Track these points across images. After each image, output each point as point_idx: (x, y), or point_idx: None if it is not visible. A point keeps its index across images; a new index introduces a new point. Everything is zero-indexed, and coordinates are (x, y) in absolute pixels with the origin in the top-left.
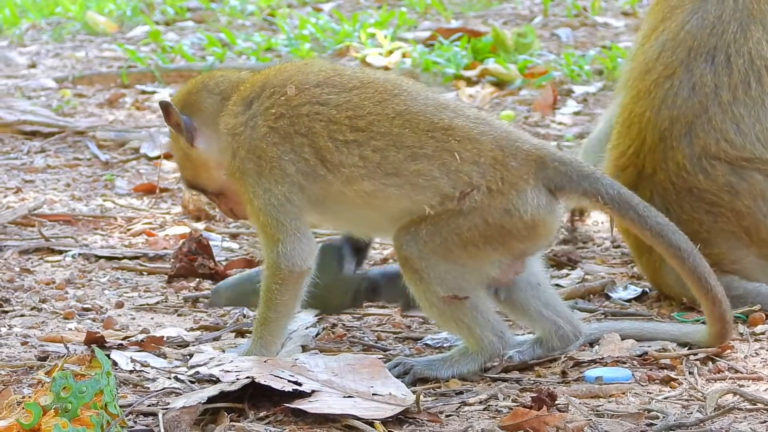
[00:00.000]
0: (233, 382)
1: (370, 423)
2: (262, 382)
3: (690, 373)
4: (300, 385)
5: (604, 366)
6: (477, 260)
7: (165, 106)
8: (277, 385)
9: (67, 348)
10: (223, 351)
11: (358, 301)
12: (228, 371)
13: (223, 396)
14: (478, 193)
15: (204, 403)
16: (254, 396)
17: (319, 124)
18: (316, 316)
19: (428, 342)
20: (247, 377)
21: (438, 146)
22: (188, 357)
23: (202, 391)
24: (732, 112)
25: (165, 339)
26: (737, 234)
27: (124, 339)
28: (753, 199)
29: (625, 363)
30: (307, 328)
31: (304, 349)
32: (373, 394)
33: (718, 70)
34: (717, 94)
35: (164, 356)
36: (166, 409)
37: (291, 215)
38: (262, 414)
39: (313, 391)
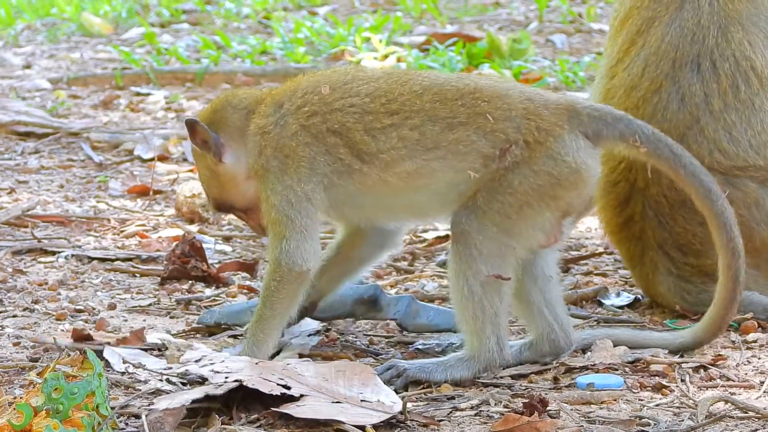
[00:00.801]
0: (220, 385)
1: (362, 428)
2: (250, 385)
3: (682, 380)
4: (289, 389)
5: (596, 372)
6: (530, 225)
7: (191, 124)
8: (265, 388)
9: (57, 345)
10: (219, 349)
11: (360, 309)
12: (218, 372)
13: (208, 398)
14: (516, 148)
15: (188, 405)
16: (244, 398)
17: (353, 117)
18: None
19: (419, 347)
20: (236, 380)
21: (470, 112)
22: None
23: (186, 392)
24: (724, 120)
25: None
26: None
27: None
28: (747, 208)
29: (617, 370)
30: (309, 335)
31: (301, 355)
32: (361, 401)
33: (706, 77)
34: (708, 103)
35: (157, 356)
36: (149, 410)
37: (304, 214)
38: (252, 417)
39: (301, 396)
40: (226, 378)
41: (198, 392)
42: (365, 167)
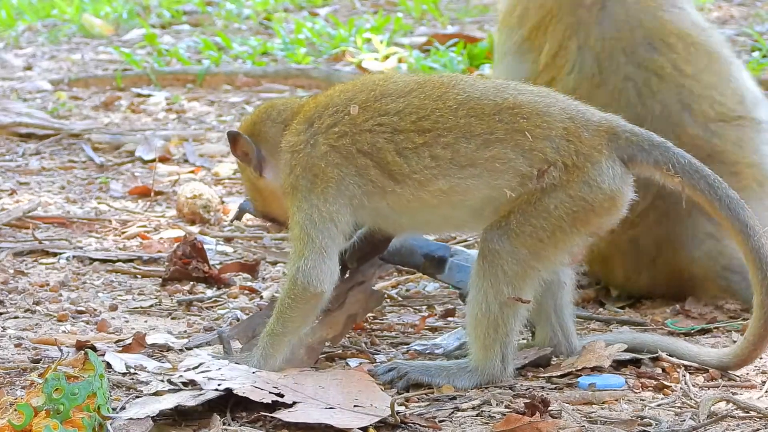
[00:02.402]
0: (200, 394)
1: (365, 429)
2: (241, 393)
3: (683, 380)
4: (282, 396)
5: (598, 373)
6: (559, 249)
7: (233, 136)
8: (256, 396)
9: (61, 350)
10: (219, 356)
11: (425, 265)
12: (211, 378)
13: (178, 409)
14: (555, 170)
15: (155, 416)
16: (236, 405)
17: (383, 138)
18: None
19: (417, 348)
20: (226, 388)
21: (508, 128)
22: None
23: (157, 401)
24: (704, 80)
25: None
26: (757, 192)
27: (116, 342)
28: (755, 153)
29: (618, 370)
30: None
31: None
32: (354, 406)
33: (665, 51)
34: (681, 72)
35: (159, 359)
36: (114, 417)
37: (326, 234)
38: (248, 418)
39: (294, 403)
40: (219, 385)
41: (170, 402)
42: (398, 188)
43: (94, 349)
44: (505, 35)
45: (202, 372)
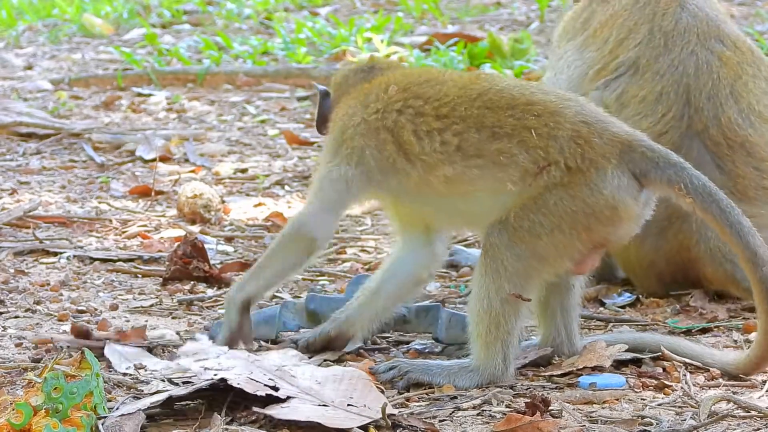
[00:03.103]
0: (191, 384)
1: (365, 428)
2: (236, 384)
3: (684, 380)
4: (276, 390)
5: (599, 372)
6: (559, 251)
7: (325, 94)
8: (251, 388)
9: (59, 348)
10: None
11: (390, 323)
12: (208, 368)
13: (170, 402)
14: (556, 169)
15: (149, 411)
16: (233, 399)
17: (406, 117)
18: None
19: (417, 347)
20: (221, 379)
21: (516, 124)
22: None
23: (148, 397)
24: (759, 84)
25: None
26: None
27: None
28: None
29: (619, 369)
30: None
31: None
32: (348, 405)
33: (733, 49)
34: (742, 68)
35: (159, 356)
36: (104, 417)
37: (336, 191)
38: (244, 416)
39: (288, 398)
40: (215, 375)
41: (163, 395)
42: (408, 166)
43: (90, 336)
44: (568, 36)
45: (200, 360)
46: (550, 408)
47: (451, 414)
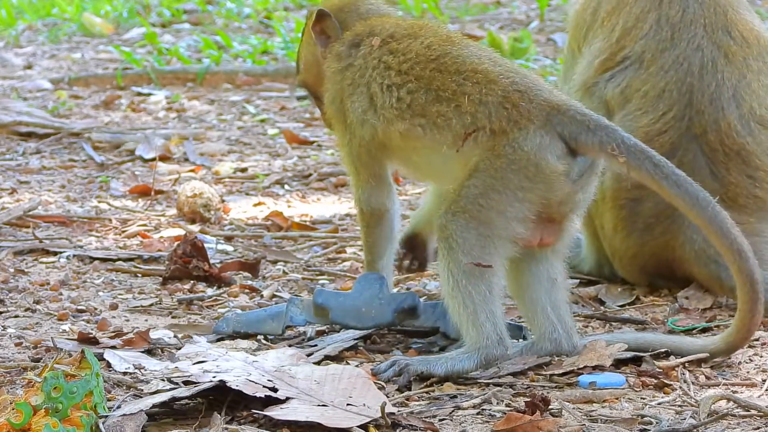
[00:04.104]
0: (191, 386)
1: (365, 427)
2: (234, 386)
3: (684, 379)
4: (275, 391)
5: (599, 371)
6: (501, 213)
7: (323, 14)
8: (250, 390)
9: (59, 349)
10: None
11: (399, 317)
12: (207, 371)
13: (173, 401)
14: (483, 134)
15: (150, 412)
16: (233, 401)
17: (377, 71)
18: (358, 335)
19: (412, 346)
20: (220, 380)
21: (456, 89)
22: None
23: (152, 397)
24: (763, 82)
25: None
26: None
27: (114, 337)
28: None
29: (618, 368)
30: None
31: (327, 357)
32: (347, 405)
33: (740, 42)
34: (747, 65)
35: (158, 356)
36: (105, 416)
37: (364, 163)
38: (245, 416)
39: (287, 398)
40: (213, 377)
41: (164, 396)
42: (374, 119)
43: (96, 342)
44: (577, 32)
45: (199, 363)
46: (549, 407)
47: (451, 413)
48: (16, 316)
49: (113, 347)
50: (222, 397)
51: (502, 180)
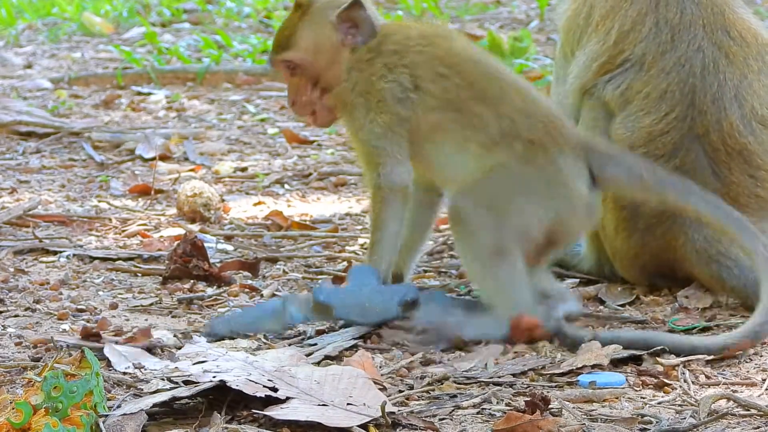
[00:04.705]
0: (192, 386)
1: (365, 427)
2: (234, 386)
3: (684, 378)
4: (275, 391)
5: (599, 371)
6: (520, 214)
7: (356, 3)
8: (250, 390)
9: (58, 347)
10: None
11: (404, 310)
12: (207, 371)
13: (173, 401)
14: (518, 143)
15: (150, 411)
16: (233, 400)
17: (422, 57)
18: (357, 334)
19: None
20: (220, 380)
21: (500, 95)
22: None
23: (152, 396)
24: (765, 81)
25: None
26: None
27: (115, 336)
28: None
29: (618, 368)
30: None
31: (327, 357)
32: (347, 404)
33: (740, 42)
34: (748, 65)
35: (158, 356)
36: (105, 416)
37: (391, 141)
38: (245, 415)
39: (287, 398)
40: (214, 377)
41: (165, 395)
42: (415, 96)
43: (99, 337)
44: (570, 36)
45: (199, 362)
46: (549, 406)
47: (450, 412)
48: (16, 316)
49: (115, 342)
50: (222, 397)
51: (527, 184)
